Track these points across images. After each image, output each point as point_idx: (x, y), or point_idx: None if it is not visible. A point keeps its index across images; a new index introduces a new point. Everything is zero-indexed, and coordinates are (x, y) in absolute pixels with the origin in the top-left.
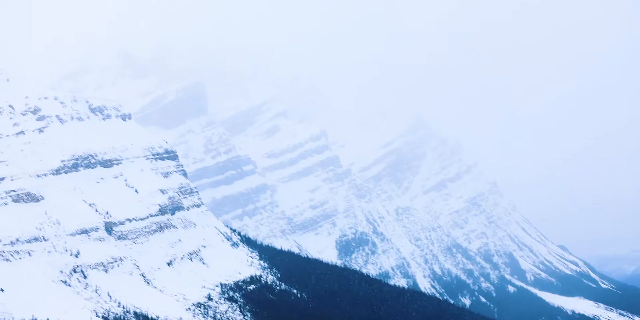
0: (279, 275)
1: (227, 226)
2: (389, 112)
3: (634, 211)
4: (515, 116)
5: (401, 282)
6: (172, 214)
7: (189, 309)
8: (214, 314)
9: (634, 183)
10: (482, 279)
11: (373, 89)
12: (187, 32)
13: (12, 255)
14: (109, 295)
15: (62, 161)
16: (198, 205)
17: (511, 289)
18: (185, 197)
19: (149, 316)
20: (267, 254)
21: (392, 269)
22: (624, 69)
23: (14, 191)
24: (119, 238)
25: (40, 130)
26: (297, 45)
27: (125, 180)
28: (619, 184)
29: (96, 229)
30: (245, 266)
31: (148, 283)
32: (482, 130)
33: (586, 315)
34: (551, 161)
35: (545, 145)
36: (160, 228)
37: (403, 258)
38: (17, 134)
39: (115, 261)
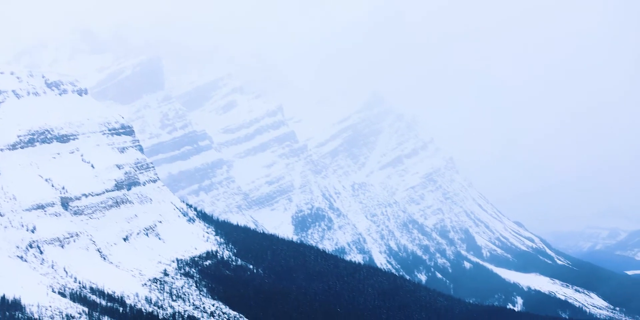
0: (235, 250)
1: (183, 201)
2: (346, 88)
3: (590, 189)
4: (473, 93)
5: (357, 257)
6: (128, 189)
7: (145, 284)
8: (170, 290)
9: (590, 162)
10: (438, 254)
11: (330, 66)
12: (145, 8)
13: None
14: (65, 270)
15: (18, 136)
16: (154, 181)
17: (467, 265)
18: (142, 173)
19: (105, 292)
20: (223, 229)
21: (348, 245)
22: (594, 53)
23: None
24: (75, 213)
25: None
26: (255, 22)
27: (82, 156)
28: (577, 162)
29: (52, 204)
30: (201, 242)
31: (104, 258)
32: (439, 107)
33: (542, 291)
34: (509, 139)
35: (503, 123)
36: (117, 203)
37: (359, 234)
38: None
39: (72, 236)
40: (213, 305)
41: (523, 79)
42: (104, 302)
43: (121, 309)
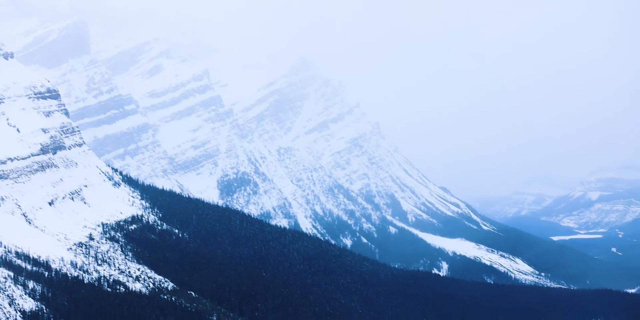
0: (160, 215)
1: (109, 166)
2: (273, 53)
3: (516, 155)
4: (400, 59)
5: (282, 222)
6: (54, 153)
7: (71, 248)
8: (96, 254)
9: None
10: (363, 219)
11: (258, 31)
12: None
13: None
14: None
15: None
16: (80, 145)
17: (392, 230)
18: (67, 137)
19: (31, 256)
20: (149, 193)
21: (274, 209)
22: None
23: None
24: (0, 177)
25: None
26: None
27: (7, 120)
28: (503, 130)
29: None
30: (127, 206)
31: (30, 223)
32: (367, 72)
33: (467, 256)
34: (437, 106)
35: (430, 89)
36: (42, 167)
37: (285, 198)
38: None
39: None
40: (138, 269)
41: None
42: (29, 267)
43: (46, 273)
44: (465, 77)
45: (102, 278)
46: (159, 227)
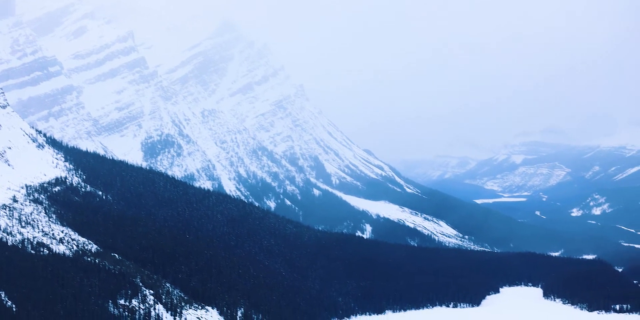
0: (84, 177)
1: (33, 127)
2: (198, 15)
3: (440, 118)
4: (325, 21)
5: (206, 184)
6: None
7: None
8: (19, 216)
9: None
10: (287, 182)
11: None
12: None
13: None
14: None
15: None
16: (4, 107)
17: (316, 192)
18: None
19: None
20: (73, 155)
21: (198, 171)
22: None
23: None
24: None
25: None
26: None
27: None
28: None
29: None
30: (51, 168)
31: None
32: (290, 34)
33: (391, 219)
34: (363, 68)
35: (355, 52)
36: None
37: (208, 160)
38: None
39: None
40: (62, 231)
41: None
42: None
43: None
44: (391, 40)
45: (26, 240)
46: (83, 189)
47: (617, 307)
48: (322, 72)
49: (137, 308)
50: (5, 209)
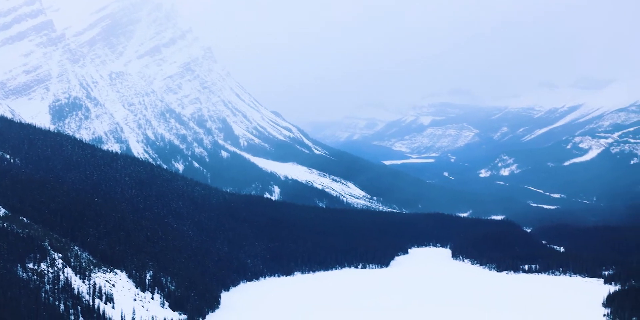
0: None
1: None
2: None
3: (349, 80)
4: None
5: (114, 147)
6: None
7: None
8: None
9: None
10: (195, 144)
11: None
12: None
13: None
14: None
15: None
16: None
17: (224, 154)
18: None
19: None
20: None
21: (106, 134)
22: None
23: None
24: None
25: None
26: None
27: None
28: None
29: None
30: None
31: None
32: None
33: (299, 180)
34: (269, 30)
35: (263, 13)
36: None
37: (116, 123)
38: None
39: None
40: None
41: None
42: None
43: None
44: (307, 3)
45: None
46: None
47: (526, 267)
48: (230, 33)
49: (45, 272)
50: None
